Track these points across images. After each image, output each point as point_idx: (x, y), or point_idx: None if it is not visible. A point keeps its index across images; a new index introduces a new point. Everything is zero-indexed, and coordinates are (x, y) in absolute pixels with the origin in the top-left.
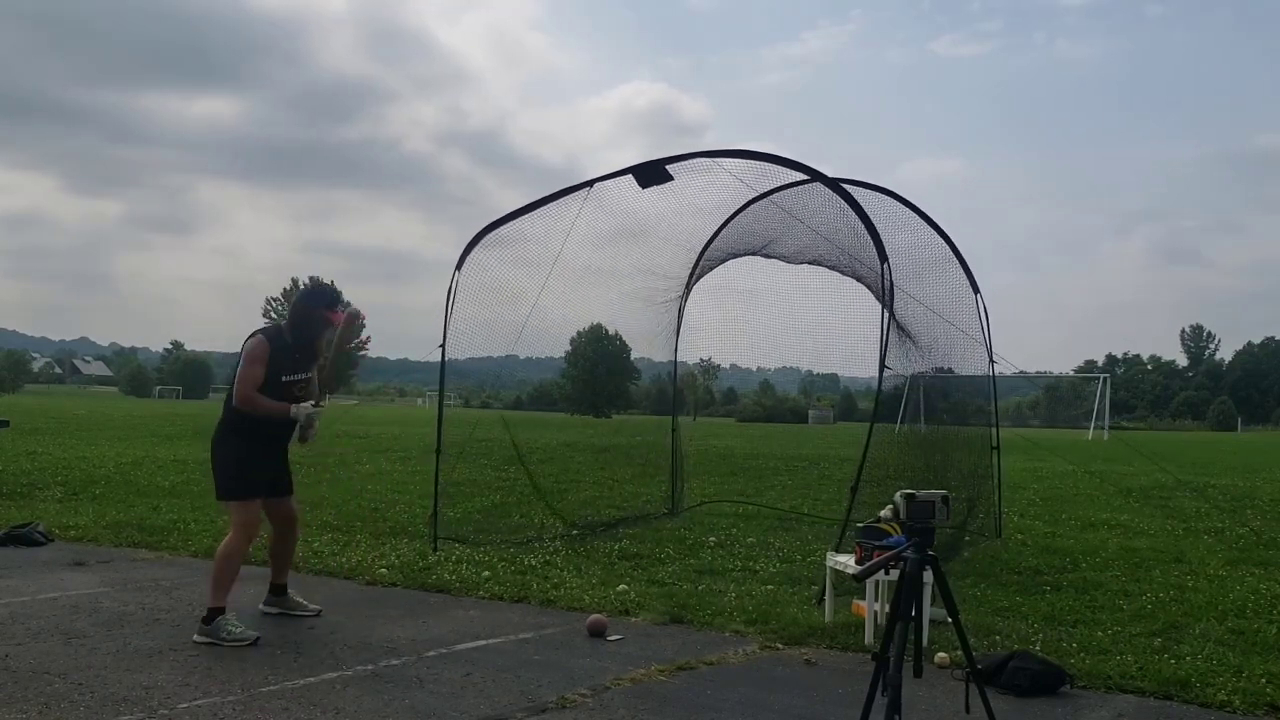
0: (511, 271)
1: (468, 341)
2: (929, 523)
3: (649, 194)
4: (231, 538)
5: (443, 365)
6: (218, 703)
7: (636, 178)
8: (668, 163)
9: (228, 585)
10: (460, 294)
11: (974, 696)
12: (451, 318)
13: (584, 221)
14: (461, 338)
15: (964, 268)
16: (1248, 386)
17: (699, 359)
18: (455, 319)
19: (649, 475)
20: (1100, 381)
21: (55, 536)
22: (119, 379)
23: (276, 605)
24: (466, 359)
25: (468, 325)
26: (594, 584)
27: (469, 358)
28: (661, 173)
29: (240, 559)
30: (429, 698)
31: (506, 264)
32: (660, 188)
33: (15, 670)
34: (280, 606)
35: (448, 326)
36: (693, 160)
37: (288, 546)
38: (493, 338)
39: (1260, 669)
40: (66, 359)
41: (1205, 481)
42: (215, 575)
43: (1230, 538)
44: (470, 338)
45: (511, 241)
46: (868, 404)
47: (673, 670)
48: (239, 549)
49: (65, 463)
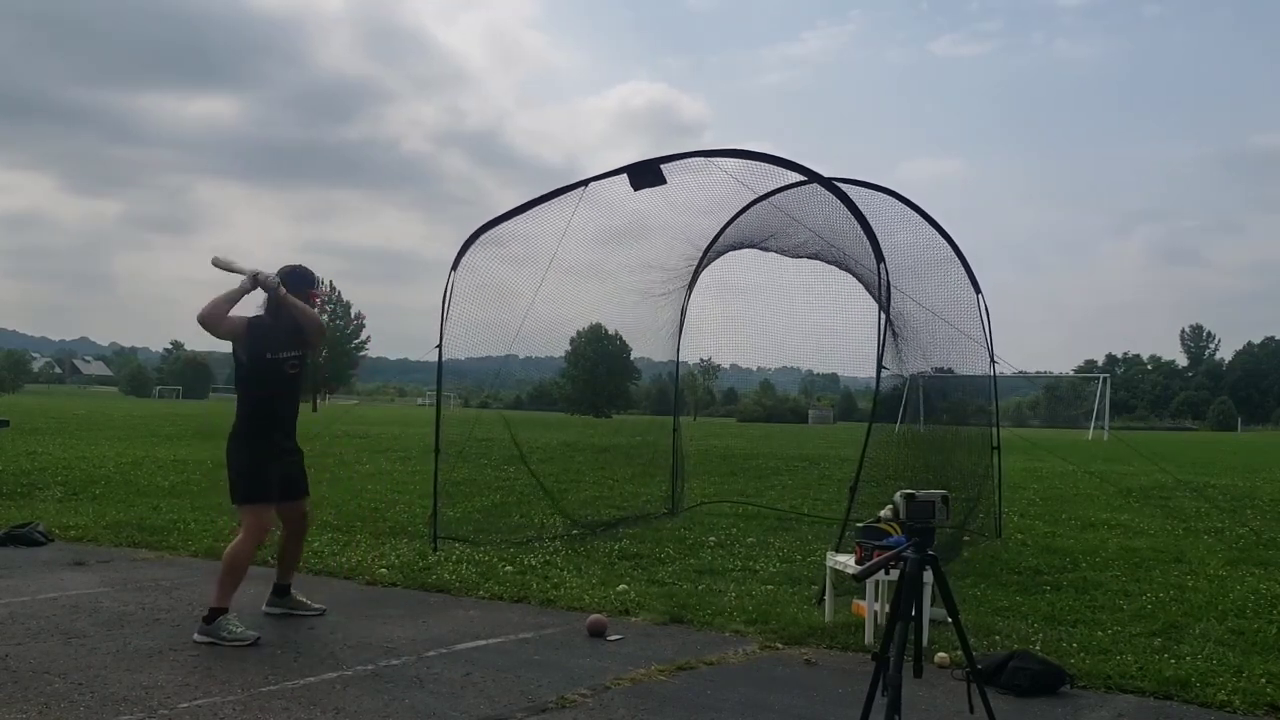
0: (508, 271)
1: (466, 341)
2: (929, 523)
3: (649, 192)
4: (241, 540)
5: (440, 366)
6: (218, 703)
7: (630, 179)
8: (663, 162)
9: (233, 587)
10: (457, 294)
11: (975, 696)
12: (449, 318)
13: (581, 220)
14: (460, 338)
15: (965, 267)
16: (1248, 386)
17: (699, 359)
18: (453, 319)
19: (649, 475)
20: (1100, 381)
21: (55, 536)
22: (119, 379)
23: (280, 606)
24: (466, 359)
25: (466, 325)
26: (594, 584)
27: (468, 358)
28: (655, 175)
29: (248, 561)
30: (429, 698)
31: (503, 263)
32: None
33: (15, 670)
34: (284, 607)
35: (444, 327)
36: (689, 160)
37: (298, 549)
38: (491, 337)
39: (1260, 669)
40: (66, 359)
41: (1205, 481)
42: (222, 576)
43: (1230, 538)
44: (469, 338)
45: (508, 241)
46: (868, 404)
47: (673, 670)
48: (248, 552)
49: (65, 463)
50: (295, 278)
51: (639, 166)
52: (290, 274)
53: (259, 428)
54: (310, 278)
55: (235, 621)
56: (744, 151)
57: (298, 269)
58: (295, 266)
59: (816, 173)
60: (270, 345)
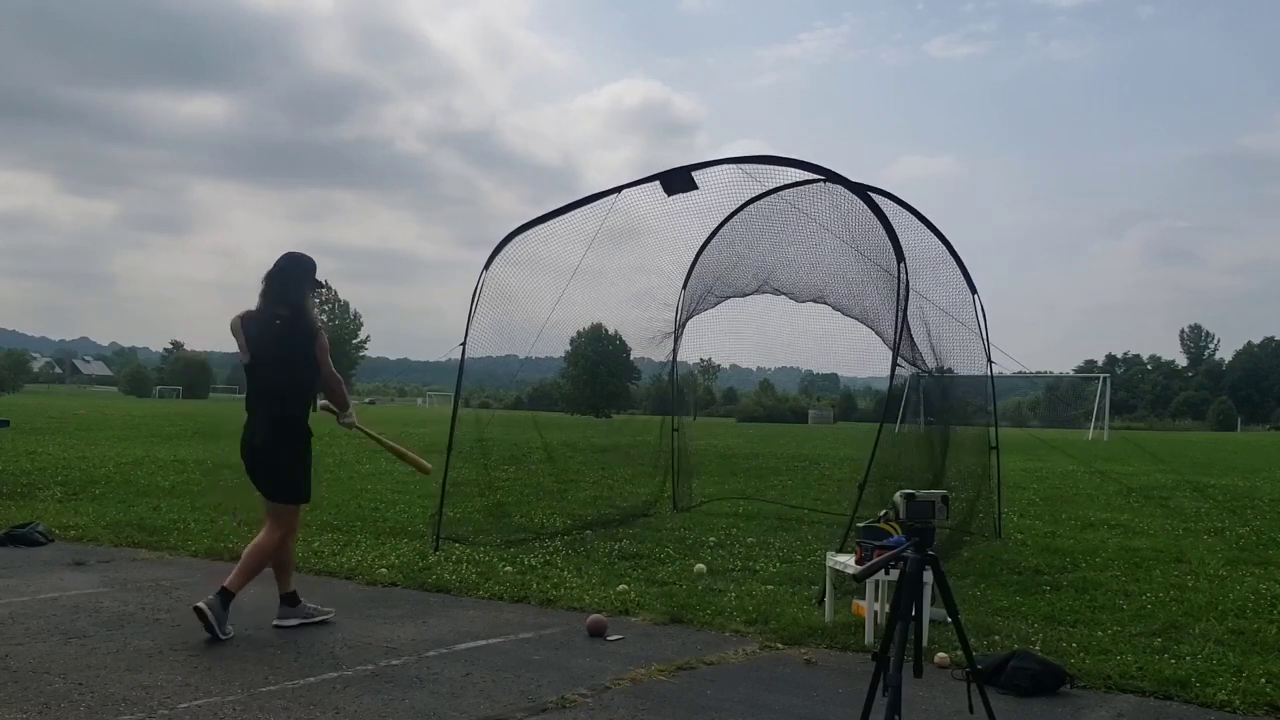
0: (514, 273)
1: (475, 342)
2: (929, 523)
3: (639, 193)
4: (281, 536)
5: (461, 364)
6: (217, 703)
7: (663, 185)
8: (694, 169)
9: (249, 578)
10: (482, 294)
11: (975, 696)
12: (474, 317)
13: (585, 224)
14: (471, 338)
15: (961, 268)
16: (1247, 386)
17: (699, 359)
18: (457, 321)
19: (649, 475)
20: (1100, 381)
21: (55, 536)
22: (119, 379)
23: (295, 616)
24: (468, 359)
25: (477, 325)
26: (594, 584)
27: (469, 357)
28: (688, 181)
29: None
30: (429, 698)
31: (508, 265)
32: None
33: (15, 670)
34: (299, 616)
35: (470, 326)
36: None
37: (287, 552)
38: (494, 339)
39: (1260, 669)
40: (66, 359)
41: (1205, 481)
42: (250, 566)
43: (1230, 538)
44: (477, 338)
45: (515, 244)
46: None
47: (673, 670)
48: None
49: (65, 463)
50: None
51: (672, 175)
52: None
53: (307, 429)
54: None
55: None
56: (770, 158)
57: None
58: (298, 258)
59: (841, 175)
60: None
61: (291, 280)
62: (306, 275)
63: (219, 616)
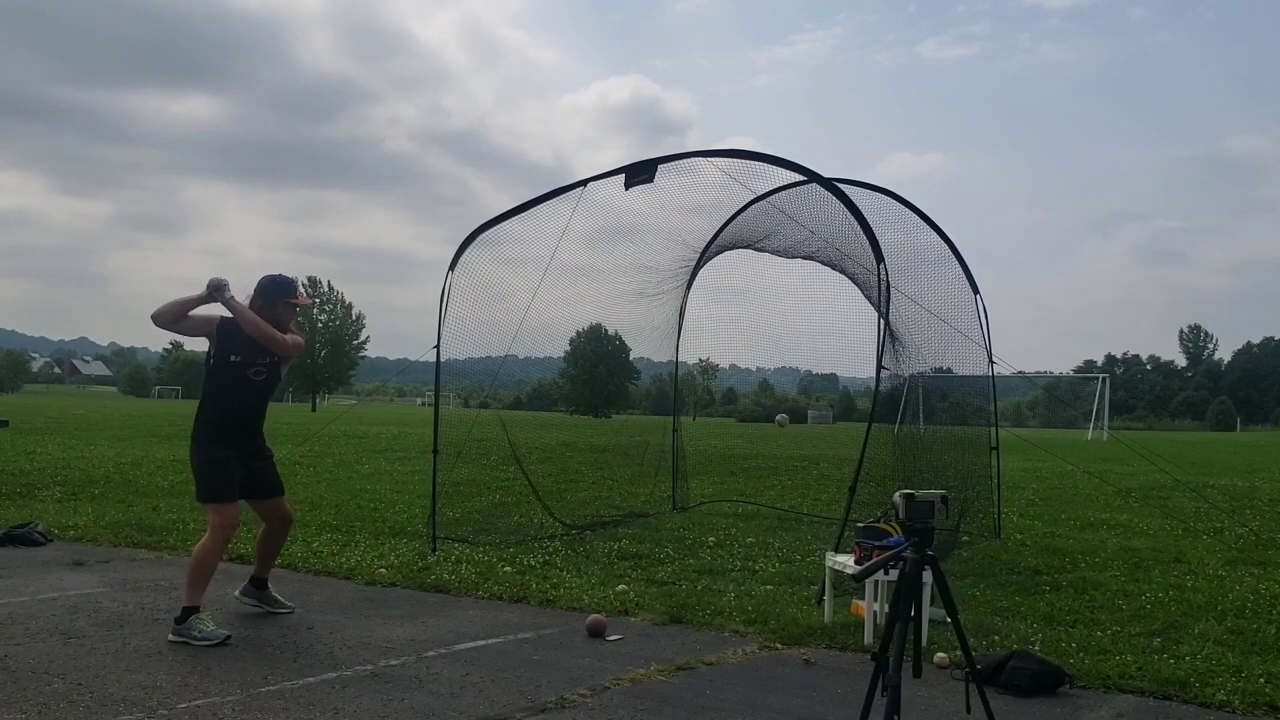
0: (505, 271)
1: (465, 341)
2: (928, 523)
3: (640, 193)
4: (208, 539)
5: (437, 366)
6: (217, 703)
7: (626, 178)
8: (662, 162)
9: (202, 585)
10: (455, 294)
11: (974, 696)
12: (446, 318)
13: (577, 220)
14: (459, 338)
15: (963, 267)
16: (1247, 387)
17: (698, 359)
18: (451, 319)
19: (649, 475)
20: (1100, 382)
21: (55, 536)
22: (118, 379)
23: (255, 599)
24: (465, 359)
25: (464, 325)
26: (594, 584)
27: (468, 357)
28: (648, 173)
29: (216, 560)
30: (428, 698)
31: (499, 264)
32: (648, 187)
33: (15, 670)
34: (257, 599)
35: (442, 327)
36: (686, 160)
37: (277, 544)
38: (490, 337)
39: (1260, 669)
40: (66, 359)
41: (1204, 481)
42: (190, 575)
43: (1230, 538)
44: (467, 338)
45: (504, 242)
46: (866, 404)
47: (672, 670)
48: (215, 550)
49: (65, 463)
50: (269, 287)
51: (636, 166)
52: (265, 284)
53: (215, 428)
54: (285, 286)
55: (207, 620)
56: (742, 151)
57: (275, 278)
58: (273, 276)
59: (815, 172)
60: (234, 349)
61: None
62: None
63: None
